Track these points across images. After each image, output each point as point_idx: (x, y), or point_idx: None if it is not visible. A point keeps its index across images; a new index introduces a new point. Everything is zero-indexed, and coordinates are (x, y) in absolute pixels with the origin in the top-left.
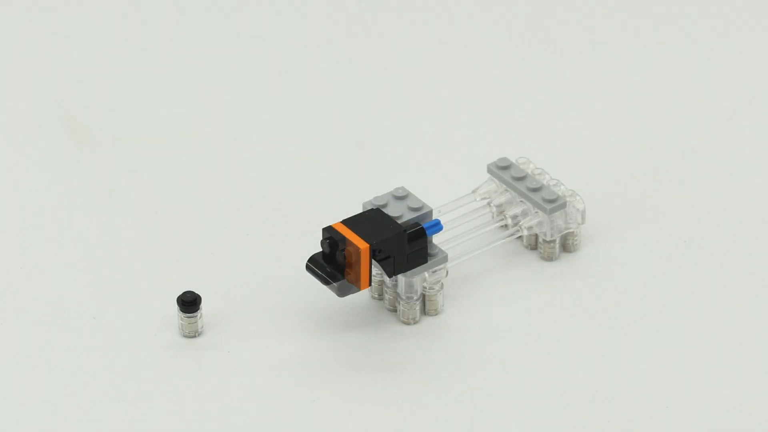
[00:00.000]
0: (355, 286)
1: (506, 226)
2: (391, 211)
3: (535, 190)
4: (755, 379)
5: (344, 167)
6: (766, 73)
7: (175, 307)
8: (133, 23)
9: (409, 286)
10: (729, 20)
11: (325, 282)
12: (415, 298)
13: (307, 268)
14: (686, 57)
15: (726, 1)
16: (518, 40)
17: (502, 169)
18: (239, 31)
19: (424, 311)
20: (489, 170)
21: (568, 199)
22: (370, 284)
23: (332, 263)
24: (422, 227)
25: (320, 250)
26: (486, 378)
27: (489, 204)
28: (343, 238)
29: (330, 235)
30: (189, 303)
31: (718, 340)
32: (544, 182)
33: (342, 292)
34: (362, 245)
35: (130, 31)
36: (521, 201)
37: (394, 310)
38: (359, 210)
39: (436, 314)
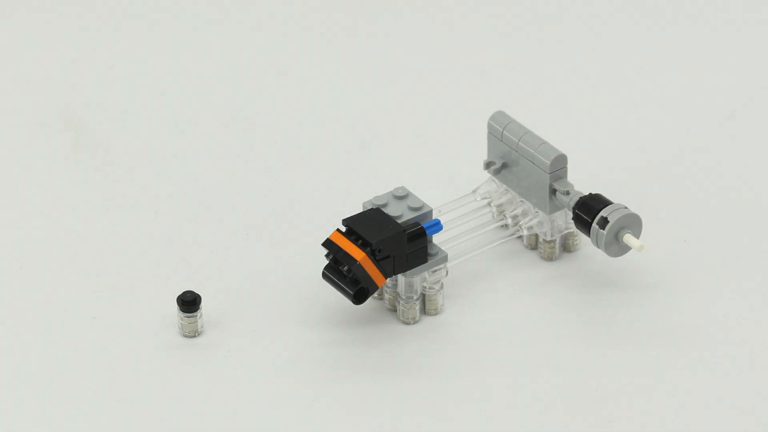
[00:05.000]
0: (371, 288)
1: (506, 226)
2: (391, 211)
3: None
4: (755, 378)
5: (344, 167)
6: (766, 73)
7: (175, 307)
8: (133, 23)
9: (409, 286)
10: (731, 19)
11: (344, 292)
12: (415, 297)
13: (324, 276)
14: (686, 56)
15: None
16: (519, 40)
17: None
18: (239, 31)
19: (424, 311)
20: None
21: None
22: (385, 278)
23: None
24: (422, 227)
25: (322, 251)
26: (486, 378)
27: (489, 204)
28: (339, 250)
29: (328, 250)
30: (189, 303)
31: (718, 339)
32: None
33: (359, 300)
34: (358, 255)
35: (130, 31)
36: (521, 201)
37: (394, 310)
38: (359, 210)
39: (436, 314)
